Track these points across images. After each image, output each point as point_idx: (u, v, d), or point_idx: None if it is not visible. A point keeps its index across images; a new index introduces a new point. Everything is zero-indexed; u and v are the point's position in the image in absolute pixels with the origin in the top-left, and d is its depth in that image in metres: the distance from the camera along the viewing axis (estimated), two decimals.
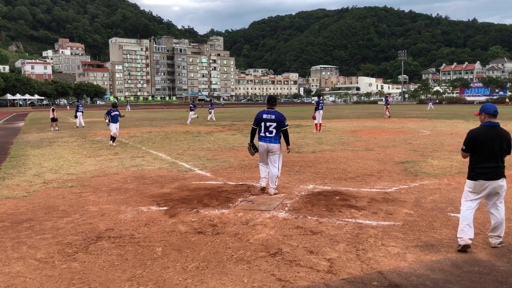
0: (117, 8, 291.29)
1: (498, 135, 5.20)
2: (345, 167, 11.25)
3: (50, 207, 7.49)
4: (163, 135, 21.56)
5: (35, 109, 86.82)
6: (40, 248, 5.46)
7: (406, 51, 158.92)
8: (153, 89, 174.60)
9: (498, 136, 5.19)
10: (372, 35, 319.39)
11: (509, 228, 6.00)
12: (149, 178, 10.03)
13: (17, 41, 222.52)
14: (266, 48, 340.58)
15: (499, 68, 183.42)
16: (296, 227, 6.15)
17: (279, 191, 8.37)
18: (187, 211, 7.05)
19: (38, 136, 22.54)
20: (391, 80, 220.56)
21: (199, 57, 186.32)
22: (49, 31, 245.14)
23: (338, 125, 27.30)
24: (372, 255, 5.05)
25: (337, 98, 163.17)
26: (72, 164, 12.50)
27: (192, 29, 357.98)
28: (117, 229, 6.18)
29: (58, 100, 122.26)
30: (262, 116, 8.15)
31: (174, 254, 5.18)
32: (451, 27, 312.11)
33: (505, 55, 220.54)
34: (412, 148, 15.02)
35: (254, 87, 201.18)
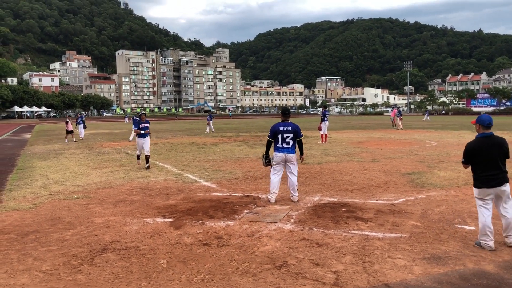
0: (124, 21, 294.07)
1: (493, 144, 5.59)
2: (351, 178, 11.20)
3: (56, 219, 7.50)
4: (169, 147, 21.61)
5: (42, 121, 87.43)
6: (45, 260, 5.45)
7: (411, 62, 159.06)
8: (159, 101, 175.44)
9: (494, 145, 5.58)
10: (378, 46, 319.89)
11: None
12: (155, 190, 10.03)
13: (25, 54, 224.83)
14: (272, 60, 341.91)
15: (505, 79, 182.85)
16: (302, 239, 6.12)
17: (285, 203, 8.36)
18: (193, 223, 7.04)
19: (44, 147, 22.67)
20: (397, 91, 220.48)
21: (205, 69, 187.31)
22: (57, 43, 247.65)
23: (344, 136, 27.25)
24: (378, 268, 5.01)
25: (342, 109, 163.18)
26: (78, 175, 12.54)
27: (198, 41, 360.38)
28: (123, 241, 6.17)
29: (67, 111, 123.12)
30: (279, 129, 8.40)
31: (179, 266, 5.16)
32: (456, 38, 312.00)
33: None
34: (419, 159, 14.95)
35: (259, 98, 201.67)
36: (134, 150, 20.60)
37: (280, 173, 8.50)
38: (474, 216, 7.16)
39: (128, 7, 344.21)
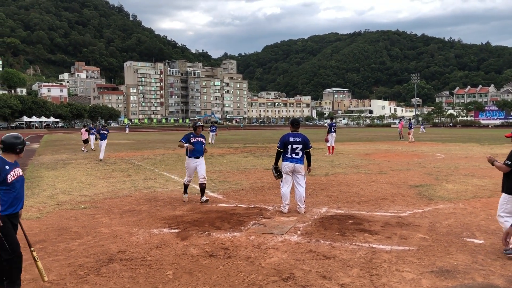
0: (133, 32, 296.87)
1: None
2: (358, 190, 11.15)
3: (63, 229, 7.52)
4: (176, 157, 21.65)
5: (50, 131, 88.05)
6: (52, 269, 5.46)
7: (419, 74, 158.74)
8: (167, 112, 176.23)
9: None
10: (385, 59, 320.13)
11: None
12: (162, 200, 10.04)
13: (35, 65, 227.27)
14: (279, 72, 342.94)
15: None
16: (309, 251, 6.08)
17: (292, 214, 8.33)
18: (199, 234, 7.03)
19: (52, 157, 22.80)
20: (404, 103, 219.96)
21: (213, 80, 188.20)
22: (66, 54, 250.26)
23: (351, 148, 27.18)
24: (386, 281, 4.96)
25: (350, 121, 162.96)
26: (86, 185, 12.59)
27: (206, 53, 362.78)
28: (129, 252, 6.17)
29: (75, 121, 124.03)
30: (289, 139, 8.51)
31: (185, 277, 5.14)
32: (464, 51, 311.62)
33: None
34: (426, 171, 14.86)
35: (266, 109, 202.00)
36: (141, 161, 20.68)
37: (290, 184, 8.57)
38: (483, 229, 7.09)
39: (136, 19, 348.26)
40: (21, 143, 4.80)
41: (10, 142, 4.72)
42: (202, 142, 9.96)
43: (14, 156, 4.78)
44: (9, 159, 4.69)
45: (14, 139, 4.75)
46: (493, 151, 22.82)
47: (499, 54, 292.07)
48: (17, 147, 4.74)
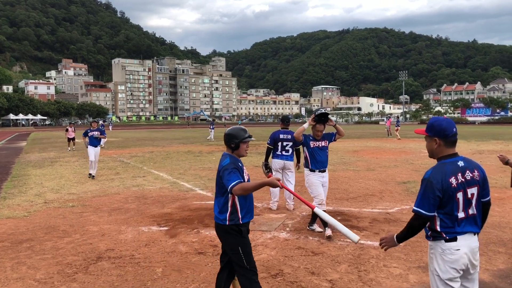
0: (121, 29, 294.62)
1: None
2: (346, 187, 11.22)
3: (50, 227, 7.46)
4: (164, 155, 21.58)
5: (37, 129, 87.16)
6: (39, 268, 5.42)
7: (407, 72, 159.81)
8: (155, 109, 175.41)
9: None
10: (373, 56, 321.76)
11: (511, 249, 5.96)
12: (150, 198, 10.01)
13: (21, 62, 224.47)
14: (268, 69, 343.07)
15: (499, 89, 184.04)
16: (298, 247, 6.12)
17: (281, 211, 8.36)
18: (188, 232, 7.02)
19: (40, 155, 22.58)
20: (392, 101, 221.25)
21: (201, 78, 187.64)
22: (53, 51, 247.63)
23: (340, 145, 27.30)
24: (374, 276, 5.01)
25: (338, 118, 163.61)
26: (73, 183, 12.50)
27: (194, 50, 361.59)
28: (117, 250, 6.15)
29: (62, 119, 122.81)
30: (279, 136, 8.49)
31: (174, 274, 5.15)
32: (451, 48, 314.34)
33: (506, 75, 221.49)
34: (414, 168, 14.99)
35: (255, 107, 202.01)
36: (129, 158, 20.60)
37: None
38: None
39: (124, 16, 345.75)
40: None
41: None
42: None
43: None
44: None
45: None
46: (480, 148, 23.07)
47: (486, 52, 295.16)
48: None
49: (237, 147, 3.95)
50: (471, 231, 3.05)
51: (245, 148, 4.00)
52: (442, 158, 3.11)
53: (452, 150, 3.10)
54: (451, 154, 3.09)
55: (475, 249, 3.06)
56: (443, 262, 3.03)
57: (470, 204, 3.06)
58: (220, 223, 3.81)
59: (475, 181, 3.07)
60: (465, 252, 3.00)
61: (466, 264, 3.02)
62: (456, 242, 3.00)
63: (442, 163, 3.08)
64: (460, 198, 3.01)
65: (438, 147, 3.13)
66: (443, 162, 3.08)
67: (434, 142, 3.13)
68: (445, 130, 3.07)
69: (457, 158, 3.10)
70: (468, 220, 3.06)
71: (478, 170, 3.11)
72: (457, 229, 3.02)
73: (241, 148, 3.96)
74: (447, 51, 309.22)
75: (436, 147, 3.14)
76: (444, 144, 3.09)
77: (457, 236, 3.01)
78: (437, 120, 3.17)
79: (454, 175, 3.00)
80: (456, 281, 3.04)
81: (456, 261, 2.99)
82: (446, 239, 3.02)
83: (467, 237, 3.03)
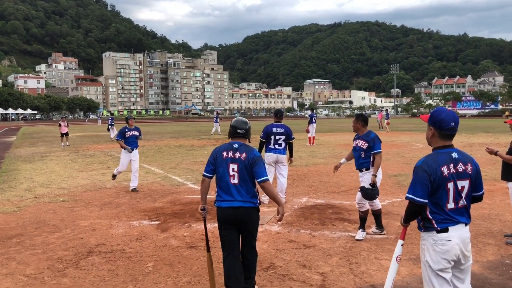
0: (111, 23, 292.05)
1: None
2: (338, 180, 11.25)
3: (40, 222, 7.41)
4: (156, 149, 21.49)
5: (27, 124, 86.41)
6: (29, 263, 5.38)
7: (398, 65, 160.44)
8: (147, 103, 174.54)
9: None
10: (365, 50, 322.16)
11: (501, 241, 6.01)
12: (141, 192, 9.97)
13: (10, 56, 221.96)
14: (260, 62, 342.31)
15: (490, 82, 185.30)
16: (289, 241, 6.12)
17: (272, 205, 8.36)
18: (179, 226, 7.01)
19: (30, 150, 22.39)
20: (383, 94, 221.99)
21: (193, 71, 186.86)
22: (43, 45, 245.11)
23: (331, 139, 27.36)
24: (365, 269, 5.03)
25: (330, 111, 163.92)
26: (64, 178, 12.41)
27: (186, 43, 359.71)
28: (108, 244, 6.12)
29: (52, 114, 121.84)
30: (272, 130, 8.48)
31: (165, 269, 5.13)
32: (442, 42, 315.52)
33: (496, 68, 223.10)
34: (405, 161, 15.06)
35: (247, 101, 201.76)
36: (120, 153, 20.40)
37: (272, 174, 8.56)
38: None
39: (115, 9, 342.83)
40: None
41: None
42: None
43: None
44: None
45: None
46: (470, 141, 23.24)
47: (476, 45, 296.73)
48: None
49: (249, 141, 4.46)
50: (462, 222, 3.08)
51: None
52: (436, 148, 3.16)
53: (447, 142, 3.13)
54: (446, 146, 3.12)
55: (466, 240, 3.09)
56: (434, 253, 3.06)
57: (461, 196, 3.08)
58: (255, 206, 4.22)
59: (467, 175, 3.09)
60: (457, 243, 3.02)
61: (457, 255, 3.04)
62: (448, 233, 3.02)
63: (436, 153, 3.13)
64: (450, 189, 3.04)
65: (432, 137, 3.18)
66: (437, 152, 3.13)
67: (430, 131, 3.18)
68: (442, 121, 3.10)
69: (452, 149, 3.12)
70: (458, 211, 3.08)
71: (471, 164, 3.13)
72: (447, 219, 3.04)
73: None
74: (438, 44, 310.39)
75: (430, 136, 3.19)
76: (438, 135, 3.13)
77: (449, 226, 3.03)
78: (438, 110, 3.19)
79: (446, 165, 3.04)
80: (447, 271, 3.06)
81: (447, 251, 3.01)
82: (437, 230, 3.05)
83: (458, 228, 3.05)
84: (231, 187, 4.14)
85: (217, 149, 4.34)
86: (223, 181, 4.17)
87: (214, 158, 4.27)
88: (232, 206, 4.11)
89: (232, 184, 4.14)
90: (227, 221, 4.14)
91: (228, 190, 4.15)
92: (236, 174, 4.13)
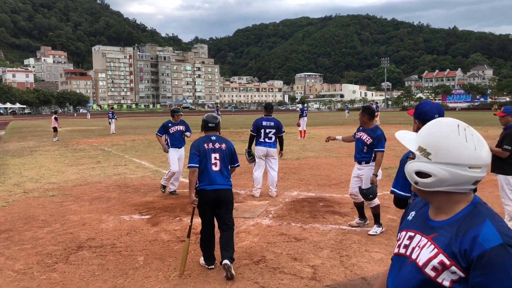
0: (101, 16, 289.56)
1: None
2: (329, 173, 11.28)
3: (29, 217, 7.34)
4: (146, 143, 21.39)
5: (16, 118, 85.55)
6: (18, 259, 5.34)
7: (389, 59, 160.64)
8: (137, 97, 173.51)
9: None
10: (355, 43, 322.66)
11: None
12: (132, 187, 9.92)
13: None
14: (251, 56, 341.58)
15: (479, 75, 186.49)
16: (280, 234, 6.13)
17: (263, 198, 8.36)
18: (170, 220, 6.98)
19: (19, 145, 22.18)
20: (374, 87, 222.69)
21: (184, 65, 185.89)
22: (31, 39, 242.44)
23: (323, 132, 27.42)
24: (355, 261, 5.05)
25: (321, 105, 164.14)
26: (54, 173, 12.31)
27: (176, 37, 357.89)
28: (99, 239, 6.09)
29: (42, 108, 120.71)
30: (262, 123, 8.47)
31: (156, 263, 5.11)
32: (432, 35, 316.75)
33: (485, 62, 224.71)
34: (395, 154, 15.13)
35: (239, 94, 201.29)
36: (110, 147, 20.38)
37: (262, 168, 8.57)
38: None
39: (104, 2, 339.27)
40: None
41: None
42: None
43: None
44: None
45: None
46: None
47: (466, 39, 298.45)
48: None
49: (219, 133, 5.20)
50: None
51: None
52: None
53: None
54: None
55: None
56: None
57: None
58: (231, 187, 4.97)
59: None
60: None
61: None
62: None
63: None
64: None
65: (417, 130, 3.15)
66: None
67: (415, 124, 3.18)
68: (425, 114, 3.08)
69: None
70: None
71: None
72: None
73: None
74: (428, 38, 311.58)
75: (415, 129, 3.16)
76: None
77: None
78: (422, 103, 3.20)
79: None
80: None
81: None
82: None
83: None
84: (214, 173, 4.80)
85: (196, 142, 4.93)
86: (206, 168, 4.79)
87: (197, 150, 4.84)
88: (214, 189, 4.76)
89: (214, 171, 4.81)
90: (210, 201, 4.77)
91: (211, 176, 4.78)
92: (218, 162, 4.84)
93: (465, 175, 1.44)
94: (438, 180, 1.45)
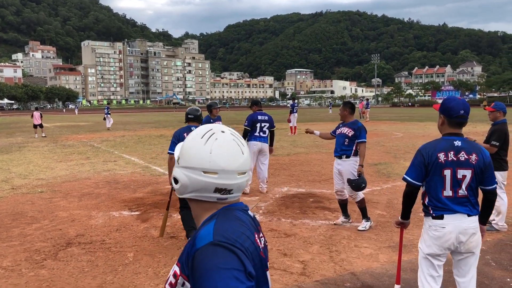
0: (90, 10, 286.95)
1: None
2: (319, 169, 11.31)
3: (18, 214, 7.28)
4: (136, 139, 21.28)
5: (4, 114, 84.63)
6: (6, 256, 5.29)
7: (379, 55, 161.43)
8: (127, 93, 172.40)
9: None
10: (346, 39, 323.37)
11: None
12: (121, 183, 9.87)
13: None
14: (242, 52, 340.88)
15: (468, 72, 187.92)
16: (270, 229, 6.14)
17: (254, 194, 8.37)
18: (160, 216, 6.96)
19: (7, 141, 21.95)
20: (364, 84, 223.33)
21: (174, 60, 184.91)
22: (19, 33, 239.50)
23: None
24: (345, 257, 5.08)
25: (312, 101, 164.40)
26: (42, 169, 12.21)
27: (166, 32, 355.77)
28: (88, 235, 6.06)
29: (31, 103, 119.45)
30: (258, 118, 8.47)
31: (146, 259, 5.10)
32: (422, 32, 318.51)
33: (474, 58, 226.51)
34: (385, 150, 15.22)
35: (229, 90, 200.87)
36: (100, 143, 20.23)
37: (254, 163, 8.51)
38: None
39: None
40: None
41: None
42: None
43: None
44: None
45: None
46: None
47: (455, 35, 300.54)
48: None
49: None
50: (462, 211, 3.09)
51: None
52: (444, 135, 3.21)
53: (455, 130, 3.15)
54: (452, 133, 3.15)
55: (467, 230, 3.07)
56: (428, 237, 3.15)
57: (460, 185, 3.09)
58: None
59: (470, 164, 3.08)
60: (451, 231, 3.05)
61: (452, 243, 3.07)
62: (442, 220, 3.07)
63: (440, 139, 3.19)
64: (447, 176, 3.07)
65: (442, 125, 3.23)
66: (442, 138, 3.19)
67: (440, 119, 3.22)
68: (450, 109, 3.12)
69: (457, 138, 3.13)
70: (457, 200, 3.10)
71: (477, 155, 3.10)
72: (442, 207, 3.08)
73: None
74: (418, 34, 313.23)
75: (440, 124, 3.24)
76: (447, 123, 3.17)
77: (444, 214, 3.06)
78: (448, 99, 3.23)
79: (444, 152, 3.07)
80: (438, 259, 3.12)
81: (440, 238, 3.07)
82: (433, 216, 3.12)
83: (456, 217, 3.07)
84: None
85: (178, 131, 5.54)
86: None
87: (177, 139, 5.40)
88: None
89: None
90: None
91: None
92: None
93: (201, 180, 1.34)
94: (182, 186, 1.37)
